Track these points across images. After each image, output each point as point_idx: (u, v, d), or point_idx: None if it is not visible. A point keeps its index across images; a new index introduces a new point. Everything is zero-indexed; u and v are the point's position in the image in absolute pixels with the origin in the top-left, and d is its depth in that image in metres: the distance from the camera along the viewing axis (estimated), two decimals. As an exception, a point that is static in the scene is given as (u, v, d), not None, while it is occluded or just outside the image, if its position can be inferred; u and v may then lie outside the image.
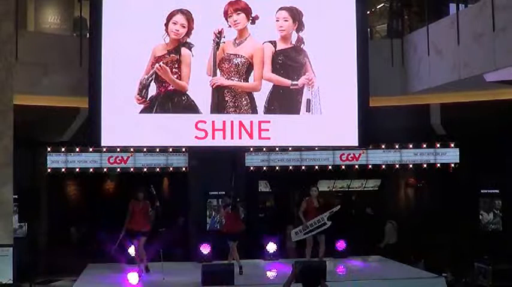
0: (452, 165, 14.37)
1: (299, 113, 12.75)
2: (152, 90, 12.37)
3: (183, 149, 13.99)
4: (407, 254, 13.88)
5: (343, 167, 14.67)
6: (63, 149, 13.93)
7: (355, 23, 12.88)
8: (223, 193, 13.76)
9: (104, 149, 13.62)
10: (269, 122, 12.61)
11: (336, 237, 13.43)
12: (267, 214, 17.01)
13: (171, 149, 14.04)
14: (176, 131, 12.44)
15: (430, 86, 12.46)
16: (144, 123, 12.36)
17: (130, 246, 11.97)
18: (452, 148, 14.40)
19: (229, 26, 12.51)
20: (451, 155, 14.43)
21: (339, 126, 12.89)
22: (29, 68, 11.84)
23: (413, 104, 13.64)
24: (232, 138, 12.49)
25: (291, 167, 14.45)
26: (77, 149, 13.94)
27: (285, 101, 12.72)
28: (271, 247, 13.48)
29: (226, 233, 11.97)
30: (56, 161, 13.90)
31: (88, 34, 12.95)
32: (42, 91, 12.22)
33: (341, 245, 13.63)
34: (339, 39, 12.85)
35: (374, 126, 12.94)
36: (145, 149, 13.93)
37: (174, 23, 12.39)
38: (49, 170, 13.90)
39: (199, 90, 12.47)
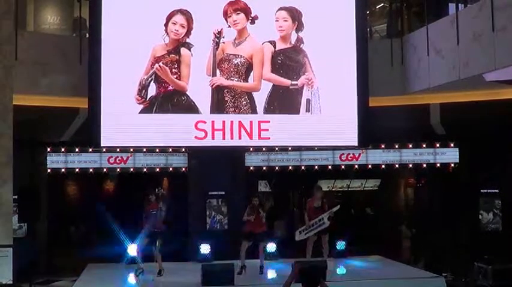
0: (452, 165, 14.37)
1: (299, 113, 12.76)
2: (152, 90, 12.38)
3: (183, 149, 13.98)
4: (407, 254, 13.87)
5: (343, 167, 14.66)
6: (63, 150, 13.92)
7: (355, 23, 12.90)
8: (223, 193, 13.82)
9: (104, 149, 13.60)
10: (269, 122, 12.62)
11: (336, 237, 13.44)
12: (267, 213, 16.98)
13: (170, 149, 14.02)
14: (176, 131, 12.45)
15: (429, 86, 12.45)
16: (144, 124, 12.37)
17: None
18: (452, 147, 14.40)
19: (229, 26, 12.52)
20: (450, 155, 14.42)
21: (338, 126, 12.90)
22: (28, 68, 11.84)
23: (413, 104, 13.62)
24: (232, 138, 12.50)
25: (290, 167, 14.45)
26: (77, 150, 13.92)
27: (284, 101, 12.73)
28: (271, 247, 13.49)
29: (246, 232, 11.97)
30: (55, 161, 13.89)
31: (88, 34, 12.95)
32: (42, 91, 12.21)
33: (341, 245, 13.65)
34: (339, 39, 12.86)
35: (374, 126, 12.94)
36: (145, 149, 13.92)
37: (174, 23, 12.39)
38: (49, 170, 13.89)
39: (199, 90, 12.48)
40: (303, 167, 14.46)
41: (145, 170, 14.22)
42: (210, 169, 13.69)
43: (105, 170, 14.30)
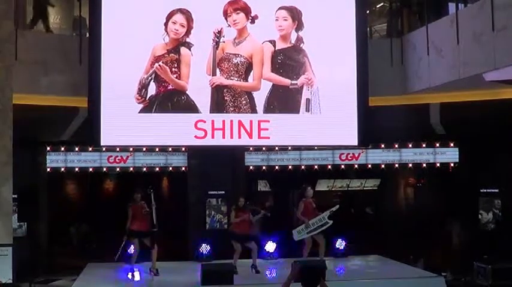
0: (452, 164, 14.38)
1: (298, 113, 12.75)
2: (152, 89, 12.37)
3: (183, 149, 14.00)
4: (407, 254, 13.87)
5: (343, 166, 14.67)
6: (62, 149, 13.94)
7: (355, 22, 12.88)
8: (223, 192, 13.83)
9: (104, 149, 13.62)
10: (268, 121, 12.61)
11: (336, 237, 13.43)
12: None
13: (170, 149, 14.04)
14: (176, 131, 12.44)
15: (429, 86, 12.45)
16: (144, 123, 12.36)
17: (130, 247, 12.02)
18: (452, 147, 14.42)
19: (229, 26, 12.51)
20: (450, 155, 14.45)
21: (338, 126, 12.89)
22: (28, 67, 11.82)
23: (413, 103, 13.61)
24: (231, 137, 12.49)
25: (290, 167, 14.45)
26: (77, 149, 13.95)
27: (284, 101, 12.72)
28: (271, 247, 13.50)
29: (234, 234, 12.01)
30: (55, 160, 13.91)
31: (88, 34, 12.95)
32: (42, 91, 12.20)
33: (341, 245, 13.65)
34: (339, 39, 12.84)
35: (373, 126, 12.93)
36: (144, 149, 13.93)
37: (174, 22, 12.39)
38: (48, 169, 13.90)
39: (199, 89, 12.46)
40: (302, 167, 14.47)
41: (145, 169, 14.23)
42: (209, 168, 13.70)
43: (104, 169, 14.32)
